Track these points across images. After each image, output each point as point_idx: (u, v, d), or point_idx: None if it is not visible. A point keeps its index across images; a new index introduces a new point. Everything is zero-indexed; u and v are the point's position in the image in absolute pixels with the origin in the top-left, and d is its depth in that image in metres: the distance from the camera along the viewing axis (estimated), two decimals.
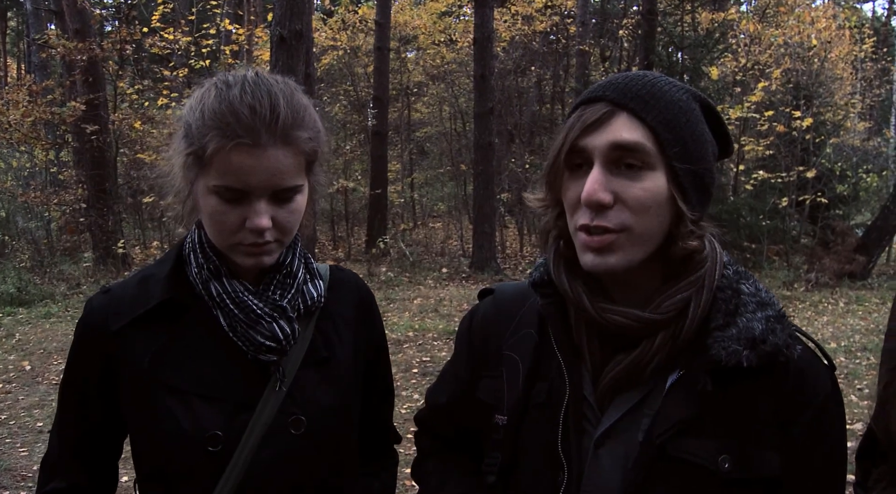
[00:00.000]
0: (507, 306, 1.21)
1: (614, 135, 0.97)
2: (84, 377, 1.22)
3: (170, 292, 1.19)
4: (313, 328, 1.25)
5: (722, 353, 0.98)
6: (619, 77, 1.02)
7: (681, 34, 11.89)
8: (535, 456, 1.07)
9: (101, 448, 1.25)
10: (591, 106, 1.00)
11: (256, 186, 1.09)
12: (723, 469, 0.98)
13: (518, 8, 17.44)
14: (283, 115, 1.08)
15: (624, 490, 1.01)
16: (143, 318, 1.18)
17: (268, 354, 1.17)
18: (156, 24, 13.35)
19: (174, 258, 1.22)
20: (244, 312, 1.16)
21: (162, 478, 1.18)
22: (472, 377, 1.20)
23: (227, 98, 1.09)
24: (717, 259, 1.06)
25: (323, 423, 1.21)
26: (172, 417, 1.14)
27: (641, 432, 1.02)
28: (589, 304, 1.03)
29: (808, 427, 1.02)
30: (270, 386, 1.18)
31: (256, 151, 1.07)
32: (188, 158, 1.11)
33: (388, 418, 1.48)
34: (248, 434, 1.15)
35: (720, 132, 1.07)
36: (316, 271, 1.29)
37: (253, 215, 1.09)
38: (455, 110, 18.50)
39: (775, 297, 1.06)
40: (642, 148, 0.97)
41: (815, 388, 1.03)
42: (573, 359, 1.07)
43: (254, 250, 1.12)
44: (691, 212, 1.00)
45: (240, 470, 1.14)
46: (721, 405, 1.00)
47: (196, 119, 1.10)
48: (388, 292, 10.55)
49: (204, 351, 1.18)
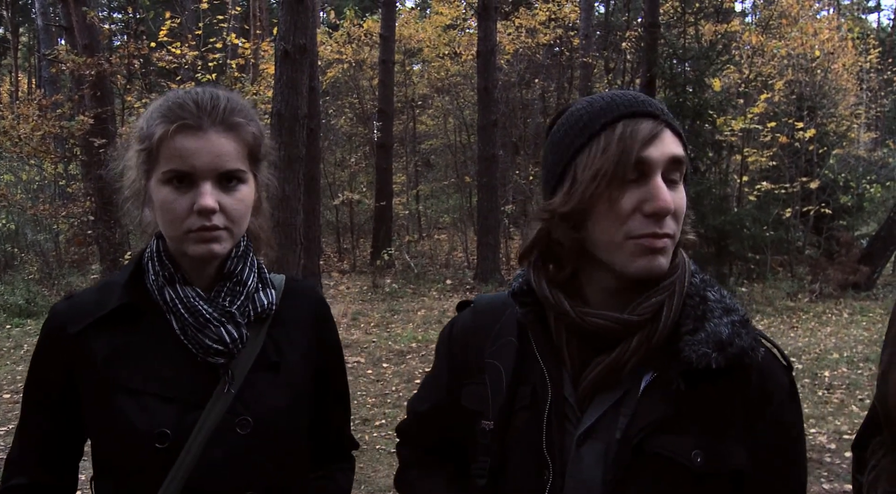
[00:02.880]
0: (486, 317, 1.26)
1: (670, 149, 1.05)
2: (46, 378, 1.28)
3: (127, 298, 1.25)
4: (265, 334, 1.31)
5: (693, 356, 1.05)
6: (639, 96, 1.09)
7: (683, 46, 11.96)
8: (521, 457, 1.13)
9: (61, 447, 1.31)
10: (637, 120, 1.06)
11: (201, 167, 1.18)
12: (696, 463, 1.04)
13: (522, 21, 17.57)
14: (224, 104, 1.21)
15: (604, 484, 1.07)
16: (101, 321, 1.24)
17: (216, 357, 1.23)
18: (163, 38, 13.49)
19: (133, 267, 1.29)
20: (194, 316, 1.23)
21: (114, 474, 1.25)
22: (455, 386, 1.25)
23: (173, 95, 1.22)
24: (686, 267, 1.13)
25: (270, 425, 1.26)
26: (124, 414, 1.20)
27: (619, 430, 1.08)
28: (570, 308, 1.09)
29: (771, 422, 1.09)
30: (219, 388, 1.24)
31: (199, 134, 1.18)
32: (141, 156, 1.21)
33: (344, 424, 1.53)
34: (196, 432, 1.21)
35: None
36: (269, 281, 1.35)
37: (199, 196, 1.17)
38: (460, 123, 18.59)
39: (738, 303, 1.13)
40: (685, 161, 1.07)
41: (775, 387, 1.11)
42: (554, 363, 1.13)
43: (203, 235, 1.19)
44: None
45: (187, 467, 1.20)
46: (693, 404, 1.06)
47: (146, 119, 1.22)
48: (392, 304, 10.61)
49: (157, 353, 1.24)
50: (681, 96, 11.58)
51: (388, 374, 7.01)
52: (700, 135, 11.60)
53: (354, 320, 9.48)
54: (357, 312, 9.91)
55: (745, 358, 1.05)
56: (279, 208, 7.26)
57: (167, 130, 1.17)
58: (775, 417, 1.10)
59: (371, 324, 9.29)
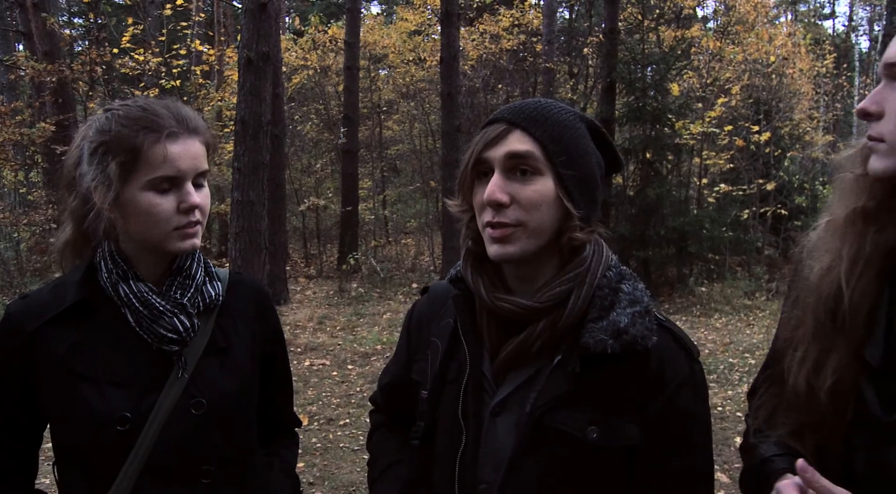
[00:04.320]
0: (438, 301, 1.42)
1: (510, 147, 1.18)
2: (4, 374, 1.36)
3: (81, 295, 1.35)
4: (213, 323, 1.43)
5: (591, 341, 1.18)
6: (517, 103, 1.24)
7: (642, 51, 12.21)
8: (445, 423, 1.28)
9: (20, 436, 1.41)
10: (492, 126, 1.22)
11: (185, 170, 1.31)
12: (591, 438, 1.18)
13: (486, 27, 17.75)
14: (185, 112, 1.34)
15: (513, 452, 1.20)
16: (58, 317, 1.34)
17: (170, 345, 1.35)
18: (126, 44, 13.40)
19: (86, 267, 1.39)
20: (148, 309, 1.34)
21: (77, 457, 1.35)
22: (410, 361, 1.41)
23: (138, 106, 1.32)
24: (601, 260, 1.25)
25: (221, 405, 1.39)
26: (86, 401, 1.31)
27: (528, 404, 1.21)
28: (485, 294, 1.23)
29: (665, 405, 1.21)
30: (174, 373, 1.36)
31: (181, 140, 1.31)
32: (119, 168, 1.29)
33: (288, 404, 1.67)
34: (153, 414, 1.32)
35: (607, 149, 1.28)
36: (214, 274, 1.48)
37: (187, 196, 1.31)
38: (426, 128, 18.69)
39: (647, 296, 1.25)
40: (532, 155, 1.18)
41: (674, 373, 1.22)
42: (475, 342, 1.27)
43: (188, 231, 1.33)
44: (577, 211, 1.20)
45: (147, 447, 1.31)
46: (592, 384, 1.19)
47: (115, 132, 1.30)
48: (358, 308, 10.68)
49: (113, 344, 1.35)
50: (640, 101, 11.83)
51: (352, 376, 7.09)
52: (659, 138, 11.85)
53: (320, 323, 9.53)
54: (323, 316, 9.96)
55: (637, 345, 1.17)
56: (244, 214, 7.30)
57: (157, 137, 1.28)
58: (670, 401, 1.21)
59: (337, 328, 9.35)
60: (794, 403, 1.18)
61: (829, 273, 1.14)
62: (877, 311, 1.10)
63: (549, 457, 1.19)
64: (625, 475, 1.21)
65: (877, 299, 1.10)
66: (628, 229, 11.52)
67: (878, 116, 1.09)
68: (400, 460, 1.40)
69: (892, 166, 1.08)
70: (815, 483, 1.03)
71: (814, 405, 1.13)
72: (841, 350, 1.11)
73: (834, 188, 1.20)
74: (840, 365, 1.11)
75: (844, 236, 1.14)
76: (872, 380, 1.09)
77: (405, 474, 1.36)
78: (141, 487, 1.31)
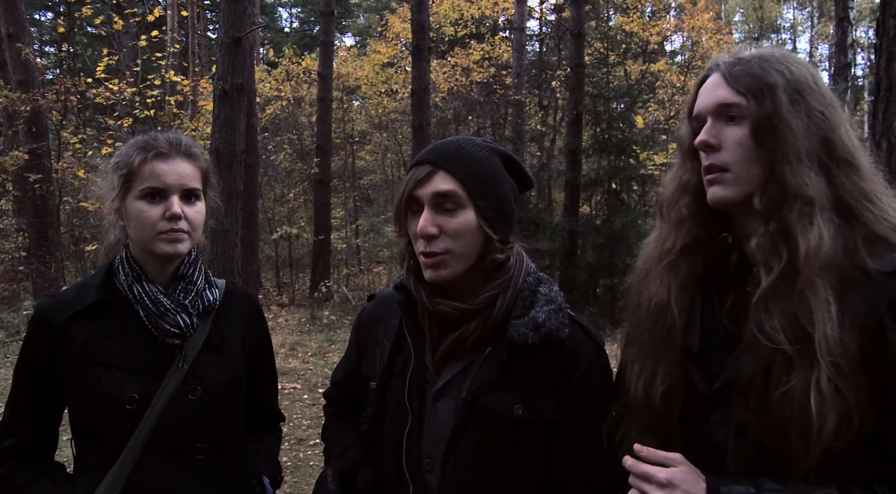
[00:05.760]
0: (383, 306, 1.65)
1: (435, 187, 1.42)
2: (33, 359, 1.62)
3: (101, 295, 1.62)
4: (210, 324, 1.69)
5: (515, 334, 1.42)
6: (439, 144, 1.48)
7: (607, 85, 12.62)
8: (393, 408, 1.50)
9: (44, 414, 1.65)
10: (419, 167, 1.45)
11: (171, 184, 1.57)
12: (517, 415, 1.42)
13: (457, 60, 18.17)
14: (185, 141, 1.62)
15: (452, 430, 1.43)
16: (80, 313, 1.60)
17: (173, 339, 1.61)
18: (101, 75, 13.53)
19: (105, 271, 1.66)
20: (156, 306, 1.60)
21: (90, 432, 1.60)
22: (359, 359, 1.63)
23: (145, 135, 1.61)
24: (521, 268, 1.50)
25: (215, 393, 1.63)
26: (100, 384, 1.55)
27: (464, 389, 1.44)
28: (427, 300, 1.47)
29: (575, 386, 1.46)
30: (175, 364, 1.61)
31: (169, 160, 1.58)
32: (120, 181, 1.58)
33: (273, 399, 1.94)
34: (157, 398, 1.57)
35: (519, 173, 1.52)
36: (213, 282, 1.73)
37: (170, 205, 1.56)
38: (398, 158, 18.99)
39: (560, 296, 1.50)
40: (454, 194, 1.42)
41: (584, 357, 1.48)
42: (418, 339, 1.51)
43: (171, 236, 1.57)
44: (496, 235, 1.45)
45: (150, 425, 1.56)
46: (517, 370, 1.43)
47: (124, 154, 1.61)
48: (329, 335, 10.79)
49: (125, 337, 1.60)
50: (606, 133, 12.20)
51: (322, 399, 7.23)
52: (625, 169, 12.20)
53: (292, 349, 9.64)
54: (295, 342, 10.07)
55: (553, 336, 1.42)
56: (217, 242, 7.45)
57: (146, 156, 1.56)
58: (581, 382, 1.46)
59: (308, 353, 9.46)
60: (635, 408, 1.41)
61: (659, 297, 1.39)
62: (692, 316, 1.38)
63: (483, 433, 1.42)
64: (546, 445, 1.45)
65: (692, 310, 1.38)
66: (595, 258, 11.80)
67: (717, 148, 1.33)
68: (353, 444, 1.62)
69: (738, 192, 1.31)
70: (650, 456, 1.26)
71: (651, 408, 1.37)
72: (668, 359, 1.37)
73: (664, 221, 1.45)
74: (668, 373, 1.36)
75: (671, 268, 1.39)
76: (695, 364, 1.35)
77: (355, 455, 1.58)
78: (144, 459, 1.55)
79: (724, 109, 1.32)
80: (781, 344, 1.21)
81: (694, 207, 1.40)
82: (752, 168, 1.30)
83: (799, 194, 1.25)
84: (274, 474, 1.85)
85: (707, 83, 1.37)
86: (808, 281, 1.21)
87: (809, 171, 1.25)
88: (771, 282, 1.25)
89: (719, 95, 1.33)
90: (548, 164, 14.79)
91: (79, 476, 1.60)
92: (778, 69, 1.30)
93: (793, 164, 1.26)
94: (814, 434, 1.16)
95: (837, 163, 1.27)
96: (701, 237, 1.39)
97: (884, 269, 1.20)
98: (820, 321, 1.18)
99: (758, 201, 1.29)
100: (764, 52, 1.35)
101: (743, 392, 1.25)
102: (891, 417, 1.18)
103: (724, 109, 1.32)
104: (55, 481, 1.62)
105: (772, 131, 1.27)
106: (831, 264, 1.21)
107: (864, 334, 1.18)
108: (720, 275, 1.37)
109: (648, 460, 1.26)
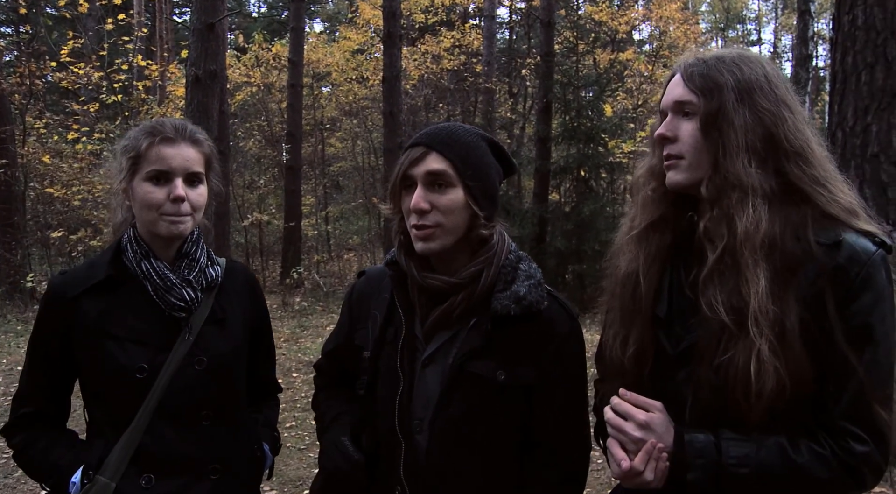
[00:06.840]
0: (373, 281, 1.77)
1: (428, 166, 1.54)
2: (47, 332, 1.72)
3: (111, 271, 1.72)
4: (213, 299, 1.80)
5: (498, 306, 1.55)
6: (432, 128, 1.60)
7: (576, 74, 12.76)
8: (385, 375, 1.62)
9: (57, 384, 1.75)
10: (414, 148, 1.58)
11: (175, 167, 1.67)
12: (499, 379, 1.55)
13: (428, 47, 18.21)
14: (190, 127, 1.72)
15: (439, 394, 1.57)
16: (92, 288, 1.70)
17: (179, 312, 1.72)
18: (65, 58, 13.34)
19: (114, 249, 1.76)
20: (163, 281, 1.70)
21: (102, 400, 1.71)
22: (351, 330, 1.75)
23: (153, 120, 1.70)
24: (503, 246, 1.63)
25: (218, 363, 1.75)
26: (112, 355, 1.66)
27: (451, 356, 1.57)
28: (416, 274, 1.59)
29: (552, 354, 1.59)
30: (182, 336, 1.72)
31: (174, 144, 1.68)
32: (129, 163, 1.68)
33: (271, 372, 2.06)
34: (165, 367, 1.68)
35: (503, 159, 1.65)
36: (215, 260, 1.84)
37: (174, 188, 1.66)
38: (368, 145, 19.01)
39: (539, 272, 1.64)
40: (445, 173, 1.54)
41: (560, 329, 1.61)
42: (409, 310, 1.63)
43: (174, 217, 1.67)
44: (482, 212, 1.57)
45: (159, 393, 1.67)
46: (499, 339, 1.56)
47: (132, 137, 1.70)
48: (301, 320, 10.85)
49: (135, 311, 1.70)
50: (575, 121, 12.36)
51: (297, 383, 7.32)
52: (594, 157, 12.37)
53: None
54: None
55: (533, 308, 1.56)
56: None
57: (153, 140, 1.65)
58: (557, 349, 1.60)
59: (281, 339, 9.51)
60: (611, 369, 1.59)
61: (629, 268, 1.56)
62: (661, 285, 1.55)
63: (468, 396, 1.55)
64: (526, 407, 1.59)
65: (661, 281, 1.55)
66: (564, 244, 11.98)
67: (673, 139, 1.50)
68: (345, 411, 1.73)
69: (690, 178, 1.48)
70: (633, 399, 1.44)
71: (623, 369, 1.54)
72: (638, 325, 1.53)
73: (634, 202, 1.62)
74: (639, 337, 1.53)
75: (640, 242, 1.56)
76: (662, 329, 1.52)
77: (351, 420, 1.69)
78: (154, 425, 1.66)
79: (680, 105, 1.49)
80: (721, 315, 1.37)
81: (661, 189, 1.56)
82: (702, 158, 1.46)
83: (737, 183, 1.41)
84: (273, 441, 1.97)
85: (671, 82, 1.53)
86: (744, 260, 1.37)
87: (749, 163, 1.41)
88: (714, 260, 1.41)
89: (676, 93, 1.50)
90: (517, 151, 14.97)
91: (93, 441, 1.71)
92: (730, 69, 1.45)
93: (733, 156, 1.42)
94: (754, 394, 1.33)
95: (786, 154, 1.42)
96: (668, 215, 1.55)
97: (826, 242, 1.36)
98: (753, 296, 1.34)
99: (704, 189, 1.45)
100: (722, 53, 1.50)
101: (700, 355, 1.42)
102: (829, 380, 1.36)
103: (679, 106, 1.50)
104: (71, 445, 1.72)
105: (717, 126, 1.44)
106: (772, 245, 1.37)
107: (804, 305, 1.35)
108: (687, 250, 1.52)
109: (632, 402, 1.43)
